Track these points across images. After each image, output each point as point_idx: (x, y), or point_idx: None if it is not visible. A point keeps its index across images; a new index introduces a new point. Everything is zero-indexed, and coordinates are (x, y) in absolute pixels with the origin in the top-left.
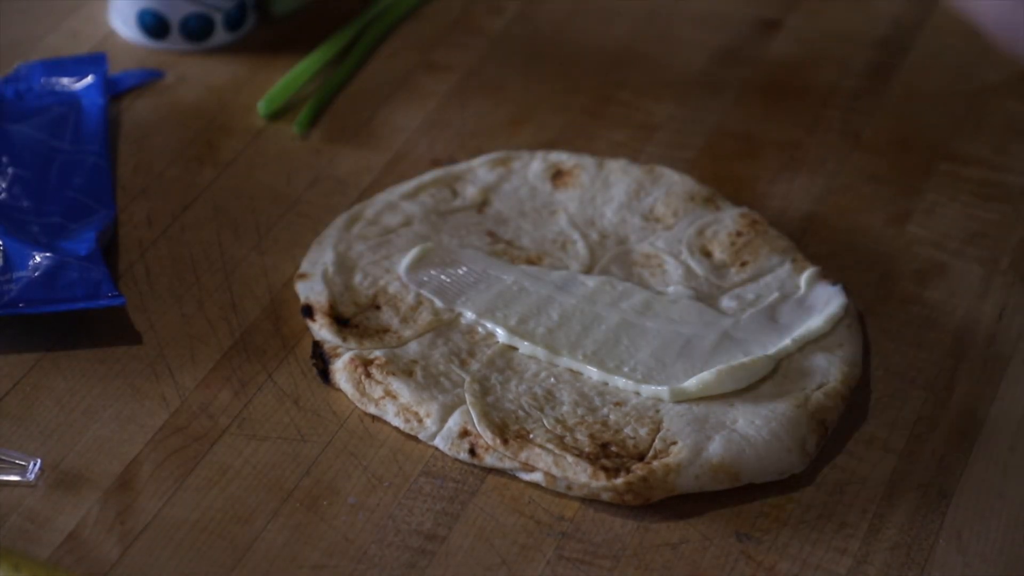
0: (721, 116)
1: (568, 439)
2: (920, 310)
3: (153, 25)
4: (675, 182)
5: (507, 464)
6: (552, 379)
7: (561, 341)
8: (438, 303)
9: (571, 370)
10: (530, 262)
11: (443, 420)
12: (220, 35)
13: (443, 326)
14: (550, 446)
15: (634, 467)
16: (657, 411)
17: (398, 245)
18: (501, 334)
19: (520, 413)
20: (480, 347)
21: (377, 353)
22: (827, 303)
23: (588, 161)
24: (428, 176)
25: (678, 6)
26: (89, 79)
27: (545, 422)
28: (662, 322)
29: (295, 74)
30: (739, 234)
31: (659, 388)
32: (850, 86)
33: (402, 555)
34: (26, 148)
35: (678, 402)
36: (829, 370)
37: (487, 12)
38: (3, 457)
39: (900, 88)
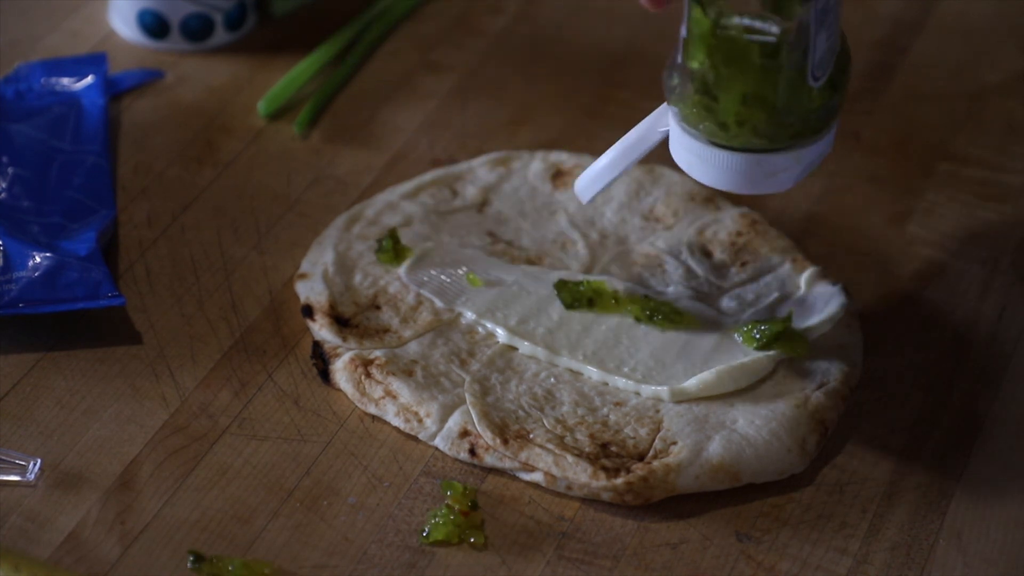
0: None
1: (568, 439)
2: (920, 310)
3: (153, 25)
4: (675, 182)
5: (507, 464)
6: (552, 379)
7: (561, 341)
8: (438, 303)
9: (571, 370)
10: (530, 262)
11: (443, 420)
12: (220, 35)
13: (443, 326)
14: (550, 446)
15: (634, 467)
16: (657, 411)
17: None
18: (501, 334)
19: (520, 413)
20: (480, 347)
21: (377, 353)
22: (827, 303)
23: (588, 161)
24: (428, 176)
25: (678, 6)
26: (89, 79)
27: (545, 422)
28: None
29: (295, 74)
30: (739, 234)
31: (659, 388)
32: (850, 86)
33: (402, 555)
34: (26, 148)
35: (678, 402)
36: (829, 370)
37: (487, 12)
38: (3, 457)
39: (900, 88)
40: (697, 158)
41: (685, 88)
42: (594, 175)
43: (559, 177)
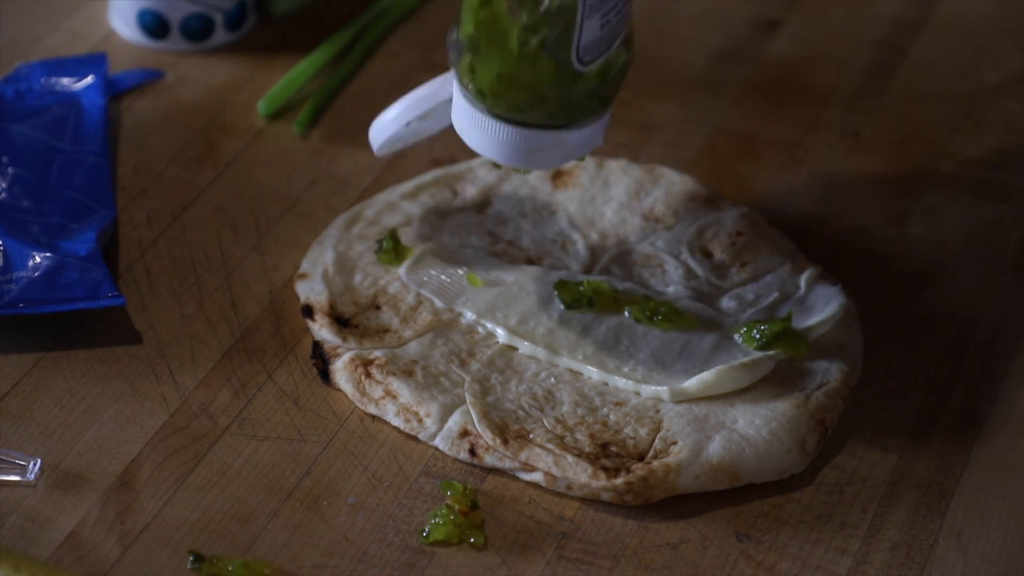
0: (721, 116)
1: (568, 439)
2: (920, 310)
3: (153, 25)
4: (675, 182)
5: (507, 464)
6: (552, 379)
7: (561, 341)
8: (438, 303)
9: (571, 370)
10: (530, 262)
11: (443, 420)
12: (220, 35)
13: (443, 326)
14: (550, 446)
15: (634, 467)
16: (657, 411)
17: None
18: (501, 334)
19: (520, 413)
20: (480, 347)
21: (377, 353)
22: (827, 303)
23: (588, 161)
24: (428, 176)
25: (678, 6)
26: (89, 79)
27: (545, 422)
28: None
29: (295, 74)
30: (739, 234)
31: (659, 388)
32: (850, 86)
33: (402, 555)
34: (26, 148)
35: (678, 402)
36: (829, 370)
37: None
38: (3, 457)
39: (900, 88)
40: (469, 122)
41: (458, 51)
42: (383, 125)
43: (559, 177)
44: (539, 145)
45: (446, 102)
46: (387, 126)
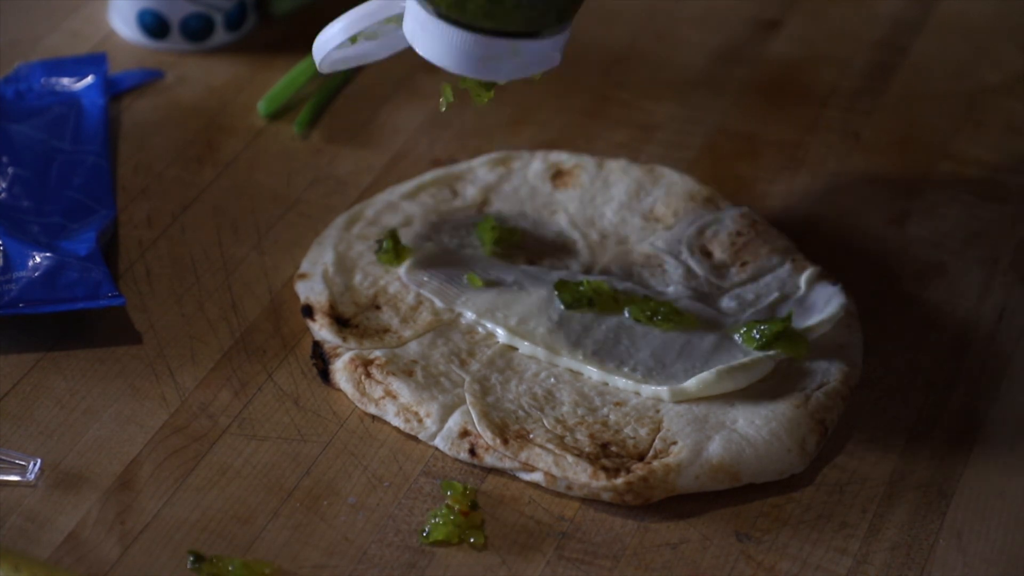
0: (721, 116)
1: (568, 439)
2: (920, 310)
3: (153, 25)
4: (675, 182)
5: (507, 464)
6: (552, 379)
7: (561, 341)
8: (438, 303)
9: (571, 370)
10: (530, 262)
11: (443, 420)
12: (220, 35)
13: (443, 326)
14: (550, 446)
15: (634, 467)
16: (657, 411)
17: None
18: (501, 334)
19: (520, 413)
20: (480, 347)
21: (377, 353)
22: (827, 303)
23: (588, 161)
24: (428, 176)
25: (678, 6)
26: (89, 79)
27: (545, 422)
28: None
29: (295, 74)
30: (739, 234)
31: (659, 388)
32: (850, 86)
33: (402, 555)
34: (26, 148)
35: (678, 402)
36: (829, 370)
37: None
38: (3, 457)
39: (900, 88)
40: (421, 28)
41: None
42: (327, 38)
43: (559, 177)
44: (492, 53)
45: (396, 17)
46: (331, 39)
